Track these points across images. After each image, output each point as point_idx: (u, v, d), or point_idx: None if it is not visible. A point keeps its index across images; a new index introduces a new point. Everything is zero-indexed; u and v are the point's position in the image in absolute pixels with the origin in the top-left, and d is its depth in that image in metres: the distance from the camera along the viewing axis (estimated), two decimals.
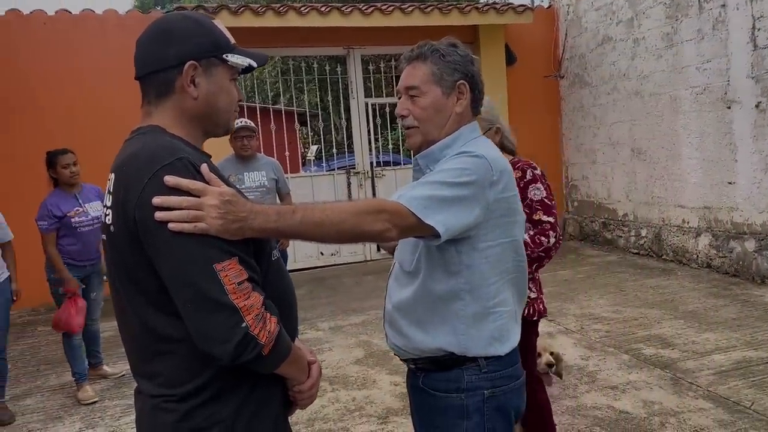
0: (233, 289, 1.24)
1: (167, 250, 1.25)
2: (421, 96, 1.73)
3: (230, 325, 1.23)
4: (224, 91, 1.44)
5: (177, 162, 1.28)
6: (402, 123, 1.78)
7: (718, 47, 6.77)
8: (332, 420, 3.88)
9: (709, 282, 6.55)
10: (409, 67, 1.77)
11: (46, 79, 7.51)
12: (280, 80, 9.58)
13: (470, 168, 1.60)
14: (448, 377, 1.71)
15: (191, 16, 1.44)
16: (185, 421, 1.33)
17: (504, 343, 1.72)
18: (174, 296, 1.27)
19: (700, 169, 7.16)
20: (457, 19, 8.44)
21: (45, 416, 4.30)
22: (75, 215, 4.42)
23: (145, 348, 1.38)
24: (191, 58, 1.37)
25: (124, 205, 1.28)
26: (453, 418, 1.70)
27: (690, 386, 3.99)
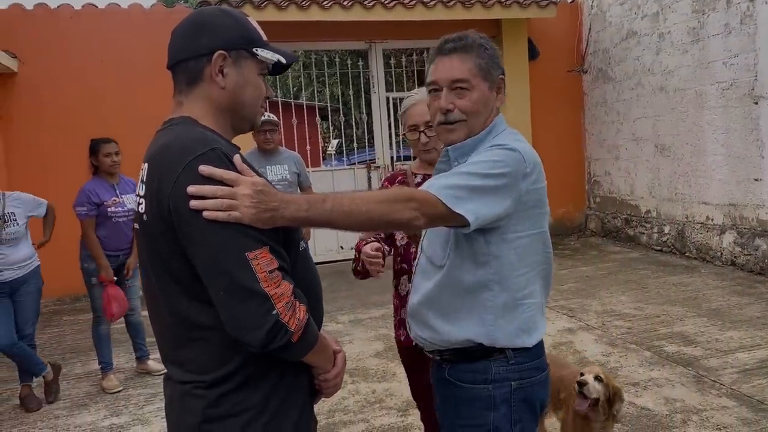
0: (264, 277, 1.27)
1: (201, 239, 1.27)
2: (471, 90, 1.68)
3: (262, 313, 1.26)
4: (251, 84, 1.46)
5: (210, 152, 1.30)
6: (444, 118, 1.70)
7: (745, 42, 6.66)
8: (352, 412, 3.90)
9: (734, 280, 6.47)
10: (450, 59, 1.69)
11: (72, 72, 7.62)
12: (302, 74, 9.62)
13: (504, 160, 1.60)
14: (475, 368, 1.71)
15: (226, 10, 1.47)
16: (215, 408, 1.35)
17: (531, 334, 1.72)
18: (207, 284, 1.29)
19: (726, 165, 7.06)
20: (480, 13, 8.39)
21: (71, 404, 4.38)
22: (112, 205, 4.49)
23: (177, 335, 1.40)
24: (221, 48, 1.40)
25: (158, 195, 1.31)
26: (480, 409, 1.70)
27: (713, 384, 3.95)
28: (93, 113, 7.55)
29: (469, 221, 1.53)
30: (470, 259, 1.67)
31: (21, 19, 7.49)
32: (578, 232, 9.79)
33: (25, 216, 4.38)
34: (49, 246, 4.80)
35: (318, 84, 9.26)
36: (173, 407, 1.44)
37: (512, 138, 1.72)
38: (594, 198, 9.71)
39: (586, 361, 4.46)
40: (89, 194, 4.45)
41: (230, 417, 1.36)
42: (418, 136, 2.36)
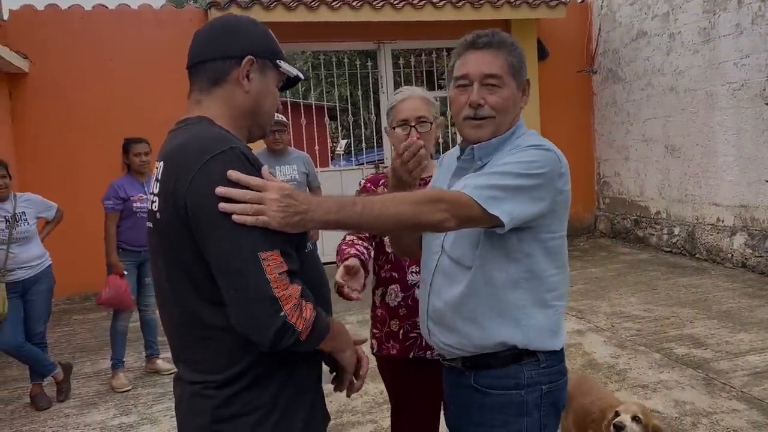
0: (274, 279, 1.28)
1: (216, 237, 1.28)
2: (503, 87, 1.65)
3: (270, 314, 1.27)
4: (271, 93, 1.50)
5: (229, 151, 1.31)
6: (474, 113, 1.65)
7: (757, 42, 6.61)
8: (360, 412, 3.90)
9: (744, 282, 6.42)
10: (483, 53, 1.66)
11: (83, 73, 7.66)
12: (311, 75, 9.63)
13: (540, 160, 1.58)
14: (505, 374, 1.67)
15: (254, 20, 1.53)
16: (225, 408, 1.36)
17: (559, 336, 1.71)
18: (219, 282, 1.30)
19: (737, 166, 7.02)
20: (489, 13, 8.38)
21: (80, 402, 4.41)
22: (138, 200, 4.60)
23: (187, 335, 1.41)
24: (252, 53, 1.44)
25: (174, 193, 1.32)
26: (512, 415, 1.66)
27: (723, 387, 3.92)
28: (103, 113, 7.60)
29: (504, 222, 1.52)
30: (502, 258, 1.63)
31: (32, 20, 7.54)
32: (587, 233, 9.75)
33: (35, 216, 4.44)
34: (59, 245, 4.85)
35: (327, 84, 9.27)
36: (183, 407, 1.45)
37: (538, 139, 1.70)
38: (603, 199, 9.67)
39: (595, 363, 4.44)
40: (117, 189, 4.59)
41: (240, 416, 1.36)
42: (408, 131, 2.24)
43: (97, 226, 4.92)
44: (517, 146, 1.65)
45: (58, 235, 4.95)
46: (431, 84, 9.22)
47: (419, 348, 2.27)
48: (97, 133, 7.55)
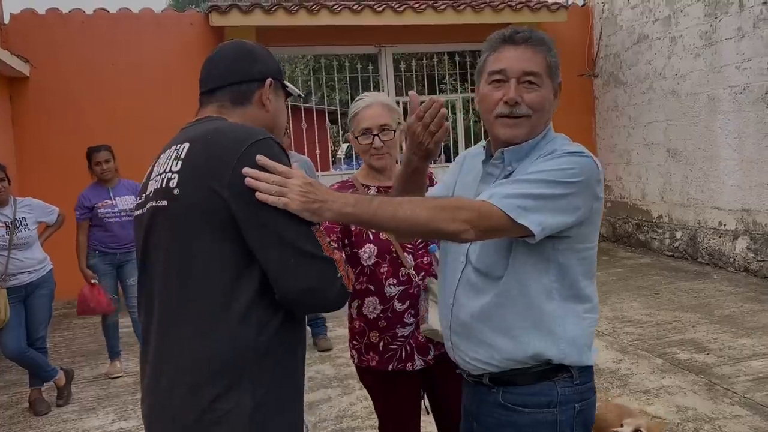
0: (327, 247, 1.40)
1: (273, 214, 1.34)
2: (542, 86, 1.57)
3: (330, 276, 1.39)
4: (282, 111, 1.65)
5: (270, 140, 1.42)
6: (510, 110, 1.56)
7: (759, 46, 6.60)
8: (360, 417, 3.88)
9: (747, 286, 6.40)
10: (523, 50, 1.57)
11: (84, 76, 7.67)
12: (312, 78, 9.63)
13: (575, 168, 1.50)
14: (537, 391, 1.58)
15: (261, 45, 1.66)
16: (208, 408, 1.34)
17: (592, 353, 1.62)
18: (270, 257, 1.35)
19: (739, 170, 6.99)
20: (490, 17, 8.38)
21: (79, 407, 4.39)
22: (102, 206, 4.80)
23: (182, 327, 1.40)
24: (272, 76, 1.58)
25: (210, 171, 1.36)
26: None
27: (726, 392, 3.90)
28: (104, 117, 7.60)
29: (535, 232, 1.45)
30: (536, 267, 1.55)
31: (33, 24, 7.55)
32: None
33: (35, 221, 4.44)
34: (60, 249, 4.88)
35: (327, 88, 9.27)
36: (159, 411, 1.43)
37: (573, 145, 1.62)
38: (605, 203, 9.62)
39: (597, 368, 4.41)
40: (82, 199, 4.83)
41: (224, 417, 1.35)
42: (371, 140, 2.19)
43: None
44: (550, 152, 1.57)
45: (59, 238, 4.95)
46: (432, 88, 9.21)
47: (399, 361, 2.22)
48: (99, 137, 7.46)
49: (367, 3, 8.21)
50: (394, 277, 2.19)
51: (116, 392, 4.61)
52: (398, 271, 2.19)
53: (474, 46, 9.25)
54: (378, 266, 2.20)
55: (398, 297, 2.20)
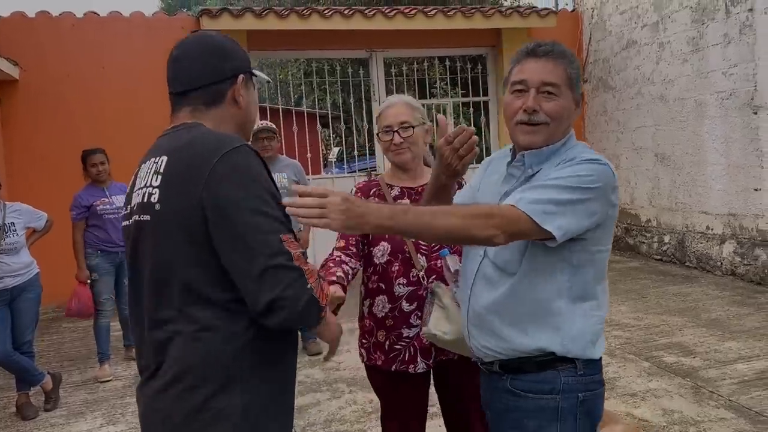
0: (297, 257, 1.37)
1: (241, 224, 1.34)
2: (560, 96, 1.67)
3: (299, 287, 1.34)
4: (254, 102, 1.62)
5: (243, 147, 1.40)
6: (529, 118, 1.67)
7: (745, 52, 6.67)
8: (349, 422, 3.89)
9: (733, 290, 6.46)
10: (543, 62, 1.68)
11: (74, 80, 7.65)
12: (303, 82, 9.65)
13: (595, 175, 1.61)
14: (542, 378, 1.68)
15: (227, 37, 1.60)
16: (196, 410, 1.36)
17: (599, 346, 1.72)
18: (239, 268, 1.34)
19: (726, 175, 7.06)
20: (480, 22, 8.43)
21: (67, 412, 4.37)
22: (100, 204, 4.90)
23: (166, 333, 1.42)
24: (242, 71, 1.55)
25: (183, 184, 1.36)
26: (546, 420, 1.68)
27: (711, 395, 3.94)
28: (94, 120, 7.58)
29: (557, 237, 1.55)
30: (549, 268, 1.65)
31: (23, 27, 7.52)
32: None
33: (24, 227, 4.44)
34: (50, 253, 4.87)
35: (319, 92, 9.28)
36: (150, 411, 1.45)
37: (593, 153, 1.72)
38: None
39: None
40: (79, 199, 4.92)
41: (211, 420, 1.36)
42: (391, 136, 2.30)
43: None
44: (570, 158, 1.66)
45: (49, 242, 4.95)
46: (423, 92, 9.24)
47: (402, 362, 2.29)
48: (88, 140, 7.46)
49: (357, 8, 8.23)
50: (404, 277, 2.25)
51: (105, 396, 4.60)
52: (409, 271, 2.25)
53: (464, 51, 9.31)
54: (390, 264, 2.27)
55: (406, 297, 2.26)
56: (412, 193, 2.35)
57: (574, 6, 9.85)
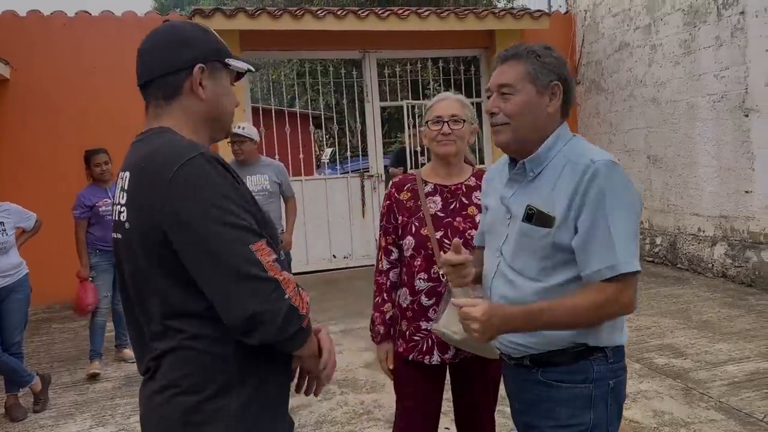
0: (270, 266, 1.29)
1: (203, 240, 1.28)
2: (515, 94, 1.74)
3: (275, 299, 1.28)
4: (227, 94, 1.52)
5: (199, 157, 1.32)
6: (491, 120, 1.80)
7: (736, 55, 6.70)
8: (340, 423, 3.88)
9: (724, 292, 6.48)
10: (504, 65, 1.78)
11: (65, 79, 7.61)
12: (296, 83, 9.64)
13: (631, 189, 1.67)
14: (575, 369, 1.73)
15: (195, 25, 1.52)
16: (191, 414, 1.35)
17: (624, 332, 1.79)
18: (209, 285, 1.29)
19: (717, 177, 7.09)
20: (473, 24, 8.43)
21: (57, 413, 4.34)
22: (103, 205, 4.96)
23: (154, 341, 1.41)
24: (200, 61, 1.45)
25: (145, 201, 1.32)
26: (579, 408, 1.73)
27: (702, 397, 3.95)
28: (85, 121, 7.55)
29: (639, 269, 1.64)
30: (570, 273, 1.69)
31: (13, 26, 7.49)
32: None
33: (13, 227, 4.41)
34: (39, 253, 4.85)
35: (312, 92, 9.27)
36: (148, 411, 1.43)
37: (590, 145, 1.77)
38: None
39: None
40: (82, 198, 4.98)
41: (207, 424, 1.35)
42: (441, 126, 2.35)
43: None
44: (572, 161, 1.69)
45: (39, 242, 4.92)
46: (416, 93, 9.24)
47: (419, 352, 2.36)
48: (80, 141, 7.45)
49: (350, 9, 8.23)
50: (426, 273, 2.32)
51: (95, 398, 4.57)
52: (431, 267, 2.32)
53: (458, 52, 9.31)
54: (413, 259, 2.35)
55: (426, 292, 2.34)
56: (445, 191, 2.40)
57: (567, 8, 9.88)
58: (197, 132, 1.47)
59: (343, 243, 8.89)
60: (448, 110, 2.36)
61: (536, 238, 1.69)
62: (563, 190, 1.67)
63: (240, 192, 1.36)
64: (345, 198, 8.91)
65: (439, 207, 2.37)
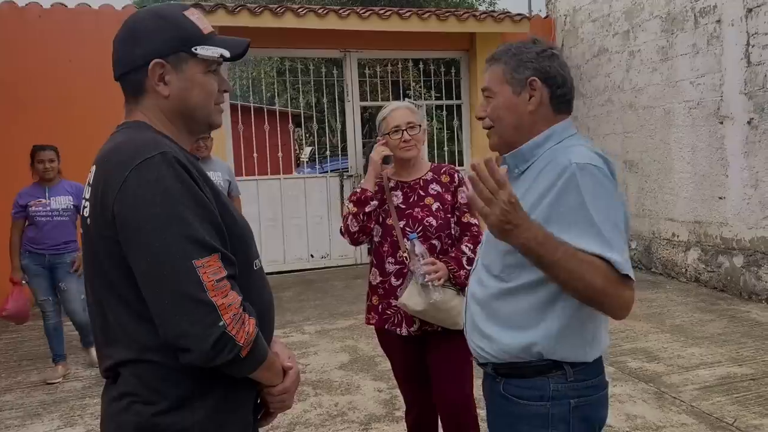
0: (212, 286, 1.21)
1: (145, 246, 1.22)
2: (493, 97, 1.72)
3: (207, 324, 1.20)
4: (197, 85, 1.40)
5: (159, 156, 1.26)
6: (482, 125, 1.78)
7: (712, 62, 6.79)
8: (313, 425, 3.85)
9: (697, 296, 6.56)
10: (486, 72, 1.76)
11: (39, 72, 7.46)
12: (276, 81, 9.58)
13: (609, 186, 1.57)
14: (531, 385, 1.65)
15: (158, 12, 1.41)
16: (149, 425, 1.30)
17: (592, 348, 1.67)
18: (147, 293, 1.24)
19: (692, 183, 7.18)
20: (454, 26, 8.45)
21: (24, 413, 4.25)
22: (34, 205, 4.76)
23: (114, 346, 1.36)
24: (156, 56, 1.35)
25: (103, 198, 1.27)
26: (537, 426, 1.65)
27: (673, 401, 3.98)
28: (61, 114, 7.41)
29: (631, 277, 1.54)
30: (532, 269, 1.58)
31: None
32: None
33: None
34: None
35: (292, 91, 9.22)
36: (107, 418, 1.39)
37: (585, 147, 1.65)
38: None
39: None
40: (18, 198, 4.83)
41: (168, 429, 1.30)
42: (401, 135, 2.63)
43: None
44: (553, 161, 1.60)
45: None
46: (397, 94, 9.23)
47: (391, 323, 2.69)
48: (55, 135, 7.30)
49: (332, 8, 8.19)
50: (393, 257, 2.66)
51: (63, 397, 4.48)
52: (396, 252, 2.65)
53: (438, 54, 9.32)
54: (381, 245, 2.70)
55: (394, 274, 2.66)
56: (405, 186, 2.73)
57: (548, 13, 9.94)
58: (171, 127, 1.41)
59: (320, 243, 8.85)
60: (403, 119, 2.65)
61: None
62: (537, 188, 1.59)
63: (198, 198, 1.28)
64: (323, 198, 8.87)
65: (401, 200, 2.70)
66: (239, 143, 8.46)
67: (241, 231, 1.41)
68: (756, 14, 6.24)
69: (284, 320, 6.08)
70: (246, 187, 8.45)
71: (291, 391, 1.48)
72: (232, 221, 1.37)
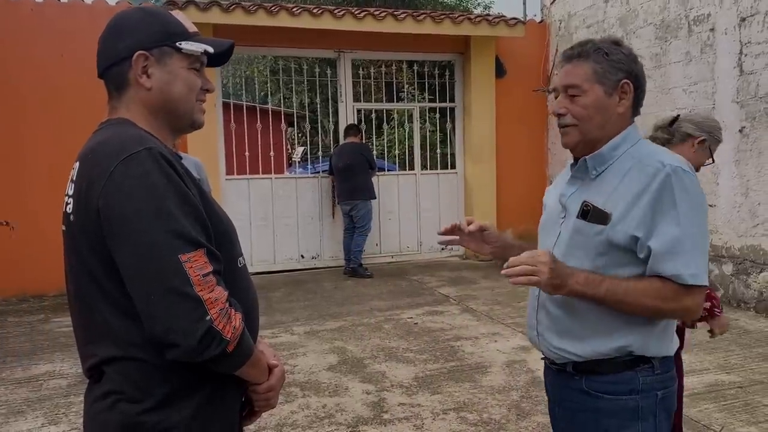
0: (198, 281, 1.21)
1: (131, 241, 1.22)
2: (582, 95, 1.70)
3: (194, 318, 1.20)
4: (179, 79, 1.41)
5: (144, 152, 1.26)
6: (558, 121, 1.76)
7: (705, 71, 6.82)
8: (301, 426, 3.82)
9: None
10: (570, 65, 1.74)
11: (31, 67, 7.40)
12: (269, 80, 9.54)
13: (701, 198, 1.65)
14: (619, 379, 1.68)
15: (143, 8, 1.44)
16: (135, 423, 1.29)
17: (674, 342, 1.75)
18: (132, 289, 1.23)
19: None
20: (449, 28, 8.44)
21: (7, 410, 4.20)
22: None
23: (97, 344, 1.34)
24: (140, 48, 1.36)
25: (87, 194, 1.27)
26: (626, 420, 1.68)
27: None
28: (52, 108, 7.36)
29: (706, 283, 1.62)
30: (623, 272, 1.64)
31: None
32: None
33: None
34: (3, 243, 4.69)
35: (286, 90, 9.19)
36: (89, 419, 1.37)
37: (658, 149, 1.73)
38: None
39: (539, 380, 4.46)
40: None
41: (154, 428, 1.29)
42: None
43: (50, 223, 4.73)
44: (640, 162, 1.65)
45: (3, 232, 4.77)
46: (390, 96, 9.23)
47: None
48: (47, 129, 7.31)
49: (326, 8, 8.17)
50: None
51: (48, 395, 4.43)
52: None
53: (433, 56, 9.32)
54: None
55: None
56: None
57: (542, 17, 9.96)
58: (153, 123, 1.41)
59: (311, 243, 8.82)
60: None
61: (590, 236, 1.65)
62: (628, 190, 1.62)
63: (184, 194, 1.28)
64: (315, 198, 8.85)
65: None
66: (231, 141, 8.42)
67: (225, 228, 1.41)
68: (749, 23, 6.28)
69: (273, 320, 6.05)
70: (237, 186, 8.43)
71: (276, 389, 1.49)
72: (217, 219, 1.37)
